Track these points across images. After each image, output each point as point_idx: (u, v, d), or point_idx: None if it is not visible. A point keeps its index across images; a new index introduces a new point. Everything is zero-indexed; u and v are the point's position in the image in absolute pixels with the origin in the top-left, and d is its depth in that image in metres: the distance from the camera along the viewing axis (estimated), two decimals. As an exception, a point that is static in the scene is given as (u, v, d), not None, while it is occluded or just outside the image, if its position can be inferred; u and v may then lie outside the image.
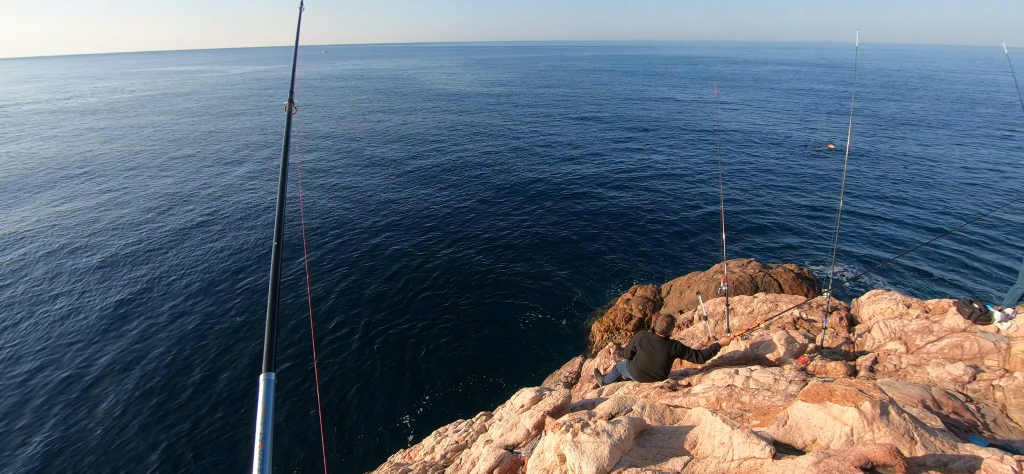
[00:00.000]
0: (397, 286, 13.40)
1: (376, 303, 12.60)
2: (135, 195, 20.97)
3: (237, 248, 15.54)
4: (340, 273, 14.04)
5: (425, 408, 9.24)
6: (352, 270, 14.22)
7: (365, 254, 15.18)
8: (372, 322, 11.81)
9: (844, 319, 7.60)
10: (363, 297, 12.87)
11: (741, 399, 4.43)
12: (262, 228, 16.98)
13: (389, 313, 12.20)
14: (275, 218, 1.68)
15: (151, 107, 51.41)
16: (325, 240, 16.11)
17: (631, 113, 42.85)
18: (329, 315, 12.10)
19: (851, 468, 2.17)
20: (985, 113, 43.72)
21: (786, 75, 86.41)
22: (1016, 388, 4.50)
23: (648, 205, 19.58)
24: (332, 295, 12.92)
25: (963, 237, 16.13)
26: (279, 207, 1.68)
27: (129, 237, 16.51)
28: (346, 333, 11.43)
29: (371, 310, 12.28)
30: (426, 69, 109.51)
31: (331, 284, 13.43)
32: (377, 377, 10.04)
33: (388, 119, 39.90)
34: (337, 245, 15.82)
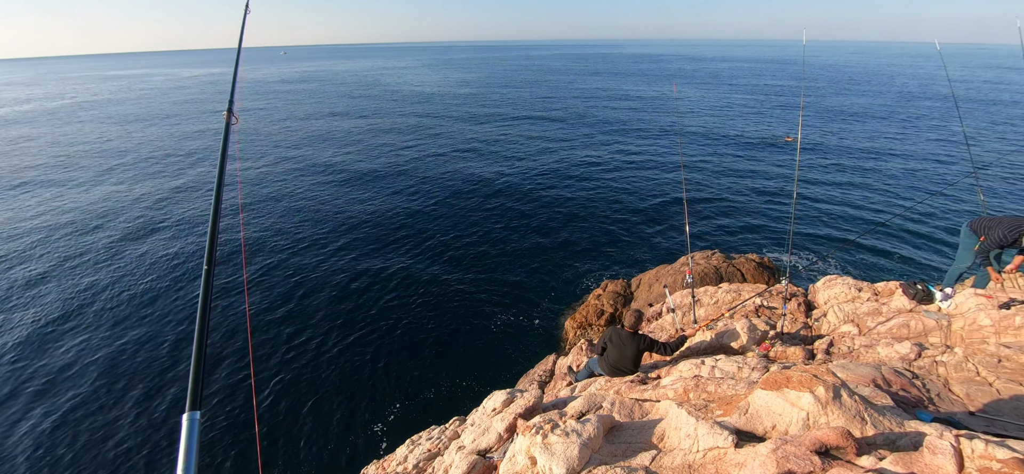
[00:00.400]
0: (357, 294, 13.04)
1: (334, 314, 12.16)
2: (65, 207, 19.60)
3: (170, 266, 14.56)
4: (293, 283, 13.53)
5: (395, 416, 9.06)
6: (307, 280, 13.73)
7: (321, 262, 14.71)
8: (331, 334, 11.39)
9: (802, 305, 7.95)
10: (319, 308, 12.42)
11: (707, 388, 4.55)
12: (197, 243, 16.04)
13: (349, 323, 11.80)
14: (207, 239, 1.52)
15: (90, 113, 48.22)
16: (274, 251, 15.50)
17: (595, 111, 43.46)
18: (279, 329, 11.54)
19: (807, 452, 2.25)
20: (921, 105, 46.75)
21: (741, 72, 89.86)
22: (957, 363, 4.81)
23: (615, 201, 19.91)
24: (283, 308, 12.37)
25: (906, 221, 17.19)
26: (211, 227, 1.53)
27: (55, 254, 15.37)
28: (301, 346, 10.97)
29: (328, 321, 11.86)
30: (389, 70, 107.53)
31: (282, 296, 12.94)
32: (344, 389, 9.73)
33: (347, 122, 38.99)
34: (288, 255, 15.24)
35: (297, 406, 9.25)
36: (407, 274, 14.05)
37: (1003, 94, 55.53)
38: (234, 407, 9.16)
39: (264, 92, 63.06)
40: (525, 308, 12.53)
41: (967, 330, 5.71)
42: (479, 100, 52.03)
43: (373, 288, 13.34)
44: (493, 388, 5.01)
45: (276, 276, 13.91)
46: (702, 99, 51.13)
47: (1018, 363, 4.68)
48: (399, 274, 14.03)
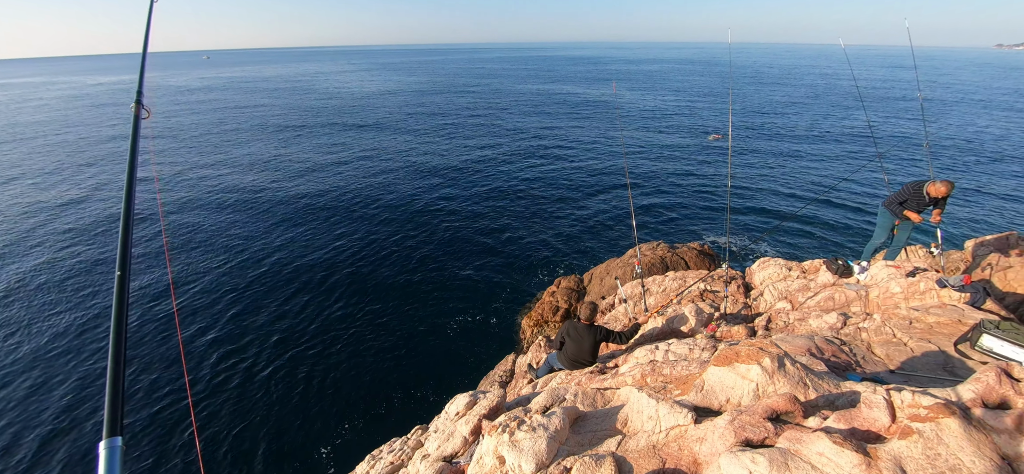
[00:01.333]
0: (297, 309, 12.38)
1: (270, 330, 11.46)
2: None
3: (73, 283, 13.26)
4: (221, 298, 12.65)
5: (350, 434, 8.68)
6: (238, 294, 12.89)
7: (253, 275, 13.85)
8: (267, 352, 10.69)
9: (741, 286, 8.48)
10: (254, 324, 11.65)
11: (663, 372, 4.73)
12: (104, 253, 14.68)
13: (288, 339, 11.15)
14: (118, 244, 1.34)
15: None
16: (199, 264, 14.45)
17: (538, 112, 44.20)
18: (209, 350, 10.73)
19: (760, 420, 2.39)
20: (829, 99, 51.81)
21: (673, 72, 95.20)
22: (876, 328, 5.32)
23: (561, 200, 20.32)
24: (212, 328, 11.54)
25: (823, 203, 18.96)
26: (123, 229, 1.33)
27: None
28: (235, 367, 10.24)
29: (264, 338, 11.14)
30: (326, 74, 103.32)
31: (210, 313, 12.06)
32: (289, 411, 9.17)
33: (282, 128, 37.02)
34: (214, 267, 14.26)
35: (237, 434, 8.60)
36: (349, 283, 13.54)
37: (895, 89, 62.61)
38: (162, 437, 8.37)
39: (185, 100, 58.31)
40: (479, 311, 12.47)
41: (882, 298, 6.34)
42: (420, 103, 51.33)
43: (312, 300, 12.74)
44: (452, 394, 4.91)
45: (200, 292, 12.91)
46: (639, 99, 53.49)
47: (925, 323, 5.26)
48: (341, 284, 13.49)
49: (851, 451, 1.85)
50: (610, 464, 2.64)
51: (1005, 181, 22.56)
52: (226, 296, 12.83)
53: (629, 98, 54.65)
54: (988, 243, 8.84)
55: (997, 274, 7.58)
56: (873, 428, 2.08)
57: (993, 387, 2.06)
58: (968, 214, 18.53)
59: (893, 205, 6.84)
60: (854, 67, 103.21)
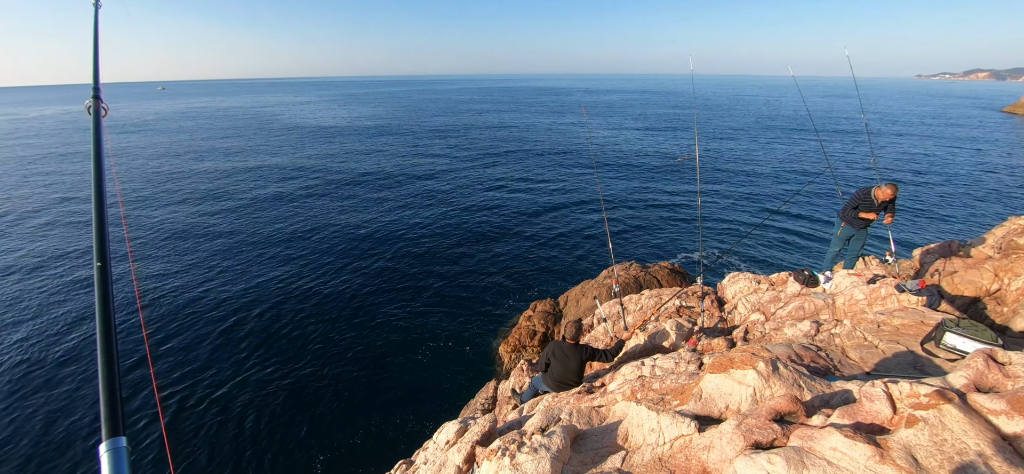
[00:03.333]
0: (264, 340, 11.80)
1: (234, 365, 10.83)
2: None
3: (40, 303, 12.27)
4: (194, 332, 11.93)
5: (326, 469, 8.17)
6: (199, 328, 12.17)
7: (215, 306, 13.13)
8: (235, 387, 10.11)
9: (715, 301, 8.70)
10: (222, 357, 11.02)
11: (652, 386, 4.71)
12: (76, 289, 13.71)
13: (253, 376, 10.56)
14: (93, 235, 1.28)
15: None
16: (167, 295, 13.62)
17: (508, 139, 44.85)
18: (181, 382, 10.06)
19: (766, 422, 2.39)
20: (782, 122, 55.31)
21: (634, 101, 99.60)
22: (848, 333, 5.53)
23: (531, 224, 20.44)
24: (181, 358, 10.84)
25: (785, 215, 20.02)
26: (97, 220, 1.25)
27: None
28: (204, 401, 9.59)
29: (228, 373, 10.54)
30: (289, 105, 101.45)
31: (180, 350, 11.30)
32: (256, 446, 8.58)
33: (243, 158, 35.79)
34: (176, 302, 13.45)
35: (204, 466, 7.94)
36: (318, 314, 12.99)
37: (838, 113, 67.64)
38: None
39: (142, 130, 55.66)
40: (451, 338, 12.18)
41: (848, 305, 6.63)
42: (386, 133, 51.02)
43: (281, 330, 12.14)
44: (430, 423, 4.70)
45: (166, 327, 12.06)
46: (605, 125, 55.31)
47: (891, 325, 5.51)
48: (310, 316, 12.93)
49: (863, 443, 1.86)
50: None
51: (938, 191, 24.56)
52: (193, 328, 12.04)
53: (595, 125, 56.42)
54: (934, 250, 9.48)
55: (945, 278, 8.11)
56: (876, 420, 2.12)
57: (983, 373, 2.15)
58: (912, 222, 19.97)
59: (848, 212, 7.26)
60: (803, 94, 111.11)
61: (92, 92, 2.35)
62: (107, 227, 1.27)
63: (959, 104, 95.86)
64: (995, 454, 1.73)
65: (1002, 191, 25.69)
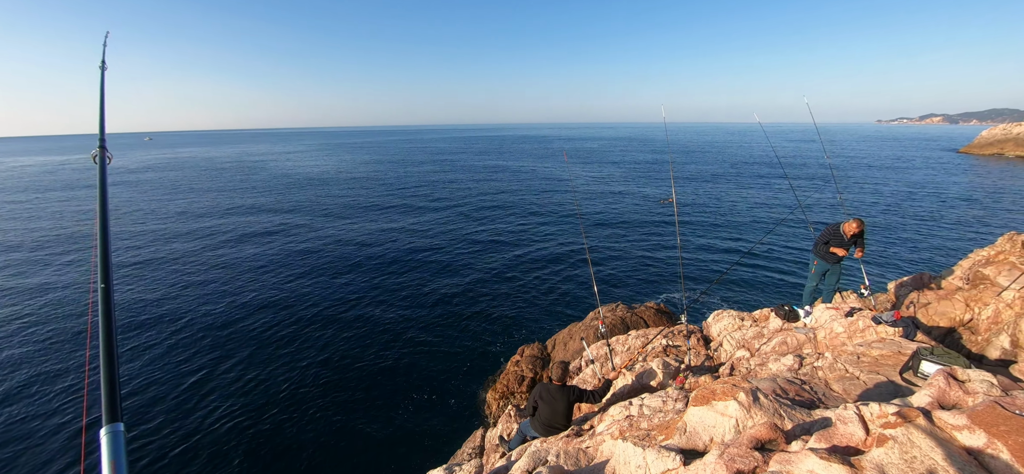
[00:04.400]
0: (237, 388, 11.39)
1: (211, 407, 10.41)
2: None
3: None
4: (173, 374, 11.45)
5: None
6: (182, 372, 11.72)
7: (194, 359, 12.70)
8: (206, 430, 9.66)
9: (701, 339, 8.77)
10: (195, 411, 10.57)
11: (640, 425, 4.69)
12: None
13: (229, 419, 10.14)
14: (98, 260, 1.58)
15: None
16: (139, 336, 13.12)
17: (492, 185, 45.60)
18: (153, 432, 9.58)
19: (747, 451, 2.42)
20: (754, 166, 57.60)
21: (613, 148, 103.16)
22: (830, 365, 5.63)
23: (519, 268, 20.50)
24: (154, 404, 10.35)
25: (761, 253, 20.51)
26: (102, 248, 1.55)
27: None
28: (176, 447, 9.14)
29: (203, 415, 10.10)
30: (275, 155, 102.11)
31: (153, 395, 10.80)
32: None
33: (234, 206, 35.56)
34: (160, 340, 12.98)
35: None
36: (292, 363, 12.61)
37: (804, 157, 70.81)
38: None
39: (131, 182, 54.95)
40: (439, 389, 11.89)
41: (828, 338, 6.76)
42: (369, 180, 51.48)
43: (253, 381, 11.74)
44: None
45: (136, 368, 11.53)
46: (586, 171, 56.82)
47: (871, 356, 5.63)
48: (284, 365, 12.55)
49: (838, 464, 1.92)
50: (605, 519, 2.53)
51: (905, 227, 25.56)
52: (172, 370, 11.55)
53: (576, 171, 57.92)
54: (907, 283, 9.81)
55: (920, 310, 8.37)
56: (851, 442, 2.18)
57: (945, 391, 2.24)
58: (882, 256, 20.63)
59: (820, 247, 7.53)
60: (770, 139, 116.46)
61: (99, 142, 2.90)
62: (110, 253, 1.56)
63: (918, 146, 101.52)
64: (960, 467, 1.79)
65: (965, 224, 26.90)
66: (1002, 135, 74.02)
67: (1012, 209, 30.91)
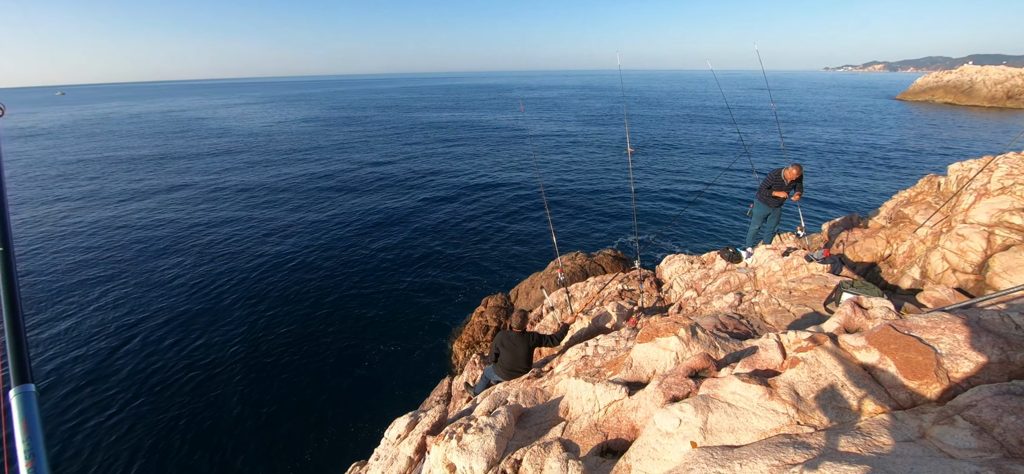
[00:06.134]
0: (192, 353, 11.16)
1: (157, 379, 10.20)
2: None
3: None
4: (111, 344, 11.04)
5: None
6: (130, 339, 11.32)
7: (139, 321, 12.24)
8: (164, 400, 9.52)
9: (653, 282, 9.27)
10: (149, 370, 10.30)
11: (594, 364, 5.02)
12: None
13: (188, 387, 10.02)
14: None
15: None
16: (78, 311, 12.49)
17: (445, 139, 44.56)
18: (78, 419, 9.34)
19: (682, 379, 2.69)
20: (707, 113, 59.07)
21: (572, 97, 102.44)
22: (765, 301, 6.14)
23: (477, 222, 20.54)
24: (103, 377, 10.02)
25: (710, 196, 21.56)
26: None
27: None
28: (131, 422, 9.00)
29: (147, 390, 9.91)
30: (213, 109, 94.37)
31: (104, 367, 10.44)
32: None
33: (164, 165, 33.17)
34: (87, 320, 12.41)
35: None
36: (249, 332, 12.37)
37: (753, 104, 73.15)
38: None
39: (42, 141, 49.59)
40: (405, 342, 12.06)
41: (767, 276, 7.33)
42: (318, 135, 48.99)
43: (210, 340, 11.52)
44: (384, 426, 4.71)
45: (79, 340, 11.01)
46: (544, 121, 56.42)
47: (801, 291, 6.18)
48: (238, 334, 12.30)
49: (756, 385, 2.17)
50: (557, 448, 2.76)
51: (840, 169, 27.39)
52: (111, 341, 11.06)
53: (535, 120, 57.41)
54: (838, 224, 10.64)
55: (848, 247, 9.15)
56: (770, 366, 2.46)
57: (851, 318, 2.55)
58: (819, 199, 22.15)
59: (763, 192, 7.99)
60: (722, 87, 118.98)
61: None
62: (8, 214, 1.43)
63: (858, 93, 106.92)
64: (856, 380, 2.09)
65: (894, 167, 29.10)
66: (933, 82, 79.02)
67: (935, 152, 33.59)
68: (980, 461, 1.51)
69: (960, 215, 7.54)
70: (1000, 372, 1.98)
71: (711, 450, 1.86)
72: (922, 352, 2.12)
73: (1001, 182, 7.39)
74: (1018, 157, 7.66)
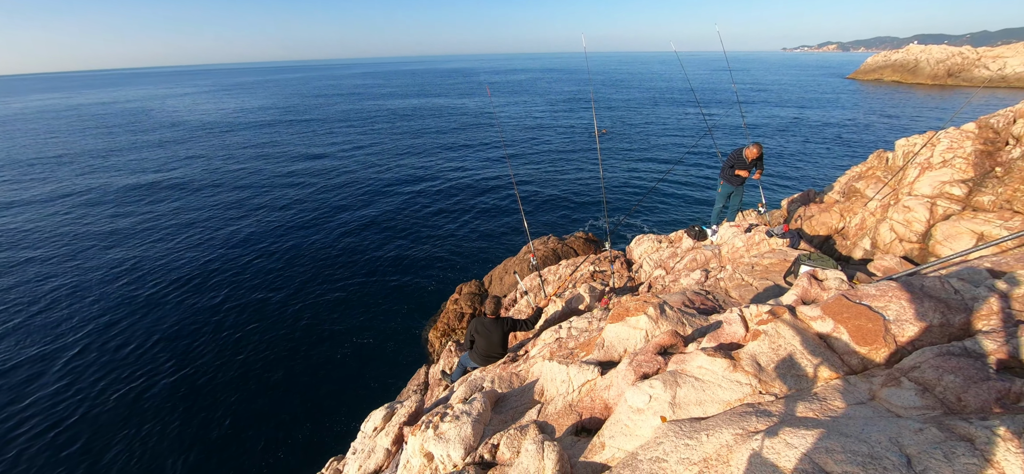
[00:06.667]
0: (160, 351, 10.78)
1: (137, 385, 9.81)
2: None
3: None
4: (74, 345, 10.50)
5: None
6: (87, 341, 10.80)
7: (99, 320, 11.69)
8: (135, 415, 9.17)
9: (623, 263, 9.46)
10: (110, 373, 9.88)
11: (568, 345, 5.10)
12: None
13: (158, 384, 9.67)
14: None
15: None
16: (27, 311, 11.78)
17: (413, 126, 43.75)
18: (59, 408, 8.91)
19: (652, 356, 2.77)
20: (673, 95, 60.19)
21: (539, 80, 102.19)
22: (730, 276, 6.37)
23: (448, 210, 20.37)
24: (58, 378, 9.55)
25: (676, 176, 22.12)
26: None
27: None
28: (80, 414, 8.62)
29: (118, 398, 9.54)
30: (162, 99, 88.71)
31: (56, 369, 9.92)
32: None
33: (113, 159, 31.24)
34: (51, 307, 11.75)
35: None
36: (216, 329, 11.97)
37: (715, 84, 75.01)
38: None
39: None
40: (376, 334, 11.93)
41: (731, 252, 7.60)
42: (280, 125, 47.11)
43: (179, 334, 11.12)
44: (360, 419, 4.66)
45: (28, 344, 10.38)
46: (512, 105, 56.15)
47: (763, 266, 6.45)
48: (204, 318, 11.92)
49: (721, 358, 2.26)
50: (533, 430, 2.81)
51: (797, 146, 28.58)
52: (74, 342, 10.46)
53: (503, 104, 57.04)
54: (796, 200, 11.12)
55: (805, 222, 9.58)
56: (734, 339, 2.57)
57: (808, 289, 2.68)
58: (781, 175, 23.08)
59: (726, 171, 8.23)
60: (685, 68, 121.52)
61: None
62: None
63: (813, 73, 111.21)
64: (812, 349, 2.21)
65: (847, 143, 30.57)
66: (882, 62, 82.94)
67: (883, 128, 35.42)
68: (924, 418, 1.63)
69: (906, 188, 8.00)
70: (941, 334, 2.13)
71: (680, 423, 1.93)
72: (872, 319, 2.26)
73: (942, 156, 7.87)
74: (957, 132, 8.16)
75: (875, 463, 1.42)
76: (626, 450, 2.13)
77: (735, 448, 1.67)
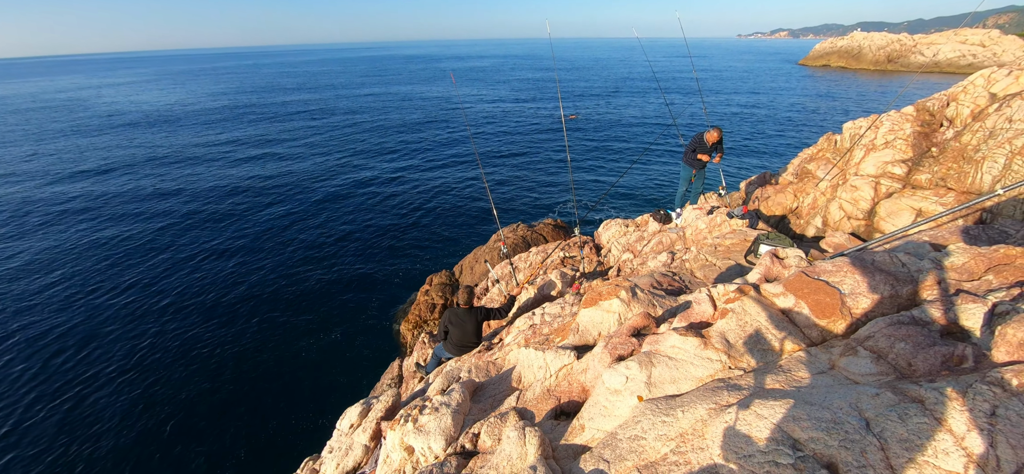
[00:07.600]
0: (120, 363, 10.20)
1: (100, 394, 9.29)
2: None
3: None
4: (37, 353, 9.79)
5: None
6: (47, 342, 10.10)
7: (57, 320, 10.94)
8: (95, 413, 8.69)
9: (593, 248, 9.63)
10: (76, 371, 9.30)
11: (542, 331, 5.16)
12: None
13: (122, 387, 9.18)
14: None
15: None
16: None
17: (376, 115, 42.65)
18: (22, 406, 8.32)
19: (626, 338, 2.84)
20: (636, 82, 61.20)
21: (503, 66, 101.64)
22: (694, 257, 6.60)
23: (415, 200, 20.08)
24: None
25: (641, 161, 22.62)
26: None
27: None
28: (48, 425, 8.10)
29: (89, 396, 9.02)
30: (96, 89, 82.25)
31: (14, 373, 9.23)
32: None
33: (72, 158, 28.90)
34: None
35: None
36: (179, 332, 11.44)
37: (677, 72, 76.84)
38: None
39: None
40: (344, 329, 11.68)
41: (694, 234, 7.86)
42: (233, 117, 44.72)
43: (142, 336, 10.55)
44: (334, 416, 4.57)
45: None
46: (477, 92, 55.64)
47: (725, 246, 6.71)
48: (166, 336, 11.34)
49: (692, 337, 2.35)
50: (513, 417, 2.84)
51: (753, 130, 29.80)
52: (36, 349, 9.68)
53: (467, 92, 56.41)
54: (753, 182, 11.59)
55: (762, 203, 10.01)
56: (703, 318, 2.67)
57: (770, 267, 2.82)
58: (739, 158, 24.02)
59: (688, 155, 8.47)
60: (648, 55, 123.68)
61: None
62: None
63: (766, 59, 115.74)
64: (776, 324, 2.33)
65: (799, 126, 32.09)
66: (829, 49, 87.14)
67: (832, 111, 37.37)
68: (879, 383, 1.75)
69: (853, 168, 8.49)
70: (891, 305, 2.29)
71: (656, 401, 2.00)
72: (829, 294, 2.40)
73: (885, 137, 8.38)
74: (898, 115, 8.71)
75: (838, 428, 1.52)
76: (606, 430, 2.19)
77: (709, 422, 1.74)
